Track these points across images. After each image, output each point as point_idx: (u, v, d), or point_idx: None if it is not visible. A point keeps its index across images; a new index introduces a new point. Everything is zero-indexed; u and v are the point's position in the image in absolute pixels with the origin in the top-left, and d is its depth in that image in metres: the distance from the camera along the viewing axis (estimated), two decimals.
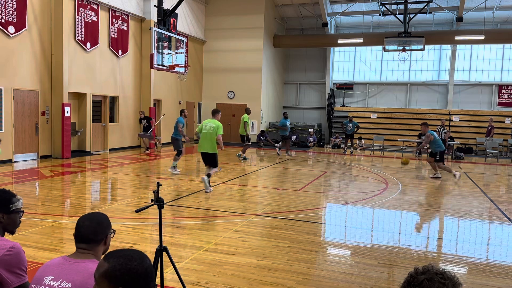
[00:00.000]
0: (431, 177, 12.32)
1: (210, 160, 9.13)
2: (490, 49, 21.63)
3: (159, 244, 3.46)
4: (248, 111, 15.41)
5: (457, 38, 19.83)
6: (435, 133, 12.28)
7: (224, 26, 21.75)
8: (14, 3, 11.99)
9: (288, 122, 17.47)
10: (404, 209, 8.33)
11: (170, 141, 19.78)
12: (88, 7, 14.50)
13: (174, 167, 11.55)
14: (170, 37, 12.09)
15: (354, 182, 11.54)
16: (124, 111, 16.87)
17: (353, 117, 20.20)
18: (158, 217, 3.54)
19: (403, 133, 21.24)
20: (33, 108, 13.02)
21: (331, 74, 23.97)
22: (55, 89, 13.53)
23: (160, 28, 11.59)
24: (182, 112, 12.27)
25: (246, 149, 15.10)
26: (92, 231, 2.12)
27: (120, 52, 16.20)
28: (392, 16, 19.45)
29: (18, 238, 5.45)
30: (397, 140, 20.08)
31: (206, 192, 8.94)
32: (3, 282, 2.22)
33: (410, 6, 19.16)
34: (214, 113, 9.45)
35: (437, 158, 12.19)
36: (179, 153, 11.80)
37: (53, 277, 2.00)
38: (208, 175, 8.99)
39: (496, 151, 19.10)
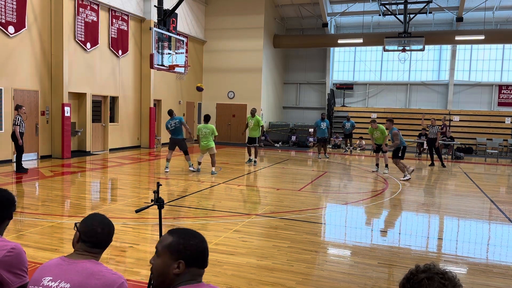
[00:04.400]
0: (402, 180, 11.49)
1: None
2: (490, 49, 21.62)
3: None
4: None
5: (457, 38, 19.83)
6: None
7: (224, 26, 21.75)
8: (14, 3, 11.98)
9: (322, 124, 16.49)
10: (404, 209, 8.32)
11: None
12: (88, 7, 14.49)
13: (192, 165, 11.92)
14: (170, 37, 12.09)
15: (354, 182, 11.53)
16: (124, 111, 16.87)
17: (351, 117, 20.19)
18: (158, 217, 3.53)
19: (403, 133, 21.03)
20: (33, 108, 13.01)
21: (331, 74, 23.96)
22: (55, 89, 13.52)
23: (160, 28, 11.58)
24: (172, 112, 11.80)
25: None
26: (109, 238, 2.15)
27: (120, 52, 16.20)
28: (392, 16, 19.46)
29: (18, 238, 5.45)
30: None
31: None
32: (4, 283, 2.22)
33: (410, 6, 19.16)
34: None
35: (399, 155, 11.82)
36: (187, 152, 11.84)
37: (51, 278, 1.99)
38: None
39: (496, 151, 19.11)
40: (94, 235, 2.10)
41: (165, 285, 1.71)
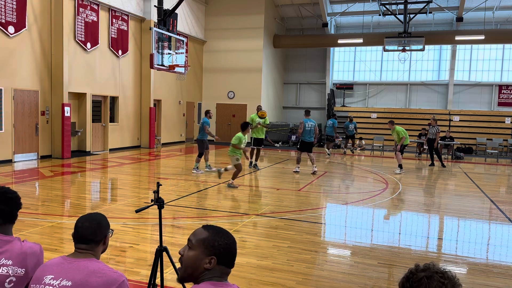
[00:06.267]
0: (293, 170, 12.33)
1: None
2: (490, 49, 21.62)
3: (159, 244, 3.46)
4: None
5: (457, 38, 19.83)
6: (311, 122, 12.47)
7: (224, 26, 21.75)
8: (14, 3, 11.98)
9: (333, 122, 18.20)
10: (404, 209, 8.32)
11: (171, 141, 20.00)
12: (88, 7, 14.50)
13: (197, 168, 11.71)
14: (170, 37, 12.09)
15: (354, 182, 11.53)
16: (124, 111, 16.87)
17: (353, 117, 20.15)
18: (158, 217, 3.54)
19: None
20: (33, 108, 13.01)
21: (331, 74, 23.96)
22: (55, 89, 13.52)
23: (160, 28, 11.59)
24: (207, 113, 12.09)
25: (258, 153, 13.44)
26: (91, 232, 2.12)
27: (120, 52, 16.20)
28: (392, 16, 19.45)
29: None
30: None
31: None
32: None
33: (410, 6, 19.16)
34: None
35: (298, 147, 12.59)
36: (200, 155, 11.82)
37: (53, 276, 2.00)
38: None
39: (496, 151, 19.12)
40: (77, 230, 2.14)
41: (193, 278, 1.75)
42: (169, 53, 12.22)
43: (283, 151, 19.32)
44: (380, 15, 19.93)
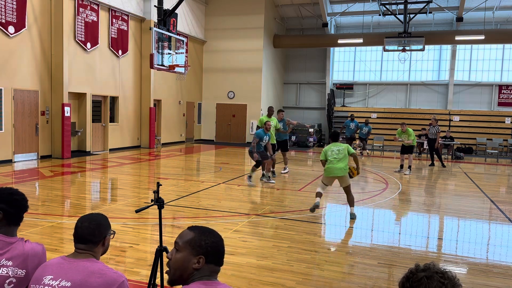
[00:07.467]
0: (282, 173, 12.16)
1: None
2: (490, 49, 21.61)
3: (159, 244, 3.46)
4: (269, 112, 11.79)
5: (457, 38, 19.83)
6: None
7: (224, 26, 21.75)
8: (14, 3, 11.98)
9: (350, 124, 17.85)
10: (404, 209, 8.32)
11: (171, 141, 20.00)
12: (88, 7, 14.49)
13: (250, 176, 10.31)
14: (170, 37, 12.10)
15: (354, 182, 11.51)
16: (124, 111, 16.87)
17: (355, 117, 20.05)
18: (158, 217, 3.54)
19: None
20: (33, 108, 13.01)
21: (331, 74, 23.96)
22: (55, 89, 13.52)
23: (160, 28, 11.59)
24: (264, 123, 10.38)
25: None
26: (90, 232, 2.11)
27: (120, 52, 16.20)
28: (392, 16, 19.45)
29: None
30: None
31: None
32: None
33: (410, 6, 19.16)
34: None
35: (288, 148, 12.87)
36: (257, 165, 10.41)
37: (52, 277, 2.00)
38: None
39: (496, 151, 19.12)
40: (76, 230, 2.13)
41: (183, 279, 1.75)
42: (169, 53, 12.23)
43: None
44: (380, 15, 19.93)
